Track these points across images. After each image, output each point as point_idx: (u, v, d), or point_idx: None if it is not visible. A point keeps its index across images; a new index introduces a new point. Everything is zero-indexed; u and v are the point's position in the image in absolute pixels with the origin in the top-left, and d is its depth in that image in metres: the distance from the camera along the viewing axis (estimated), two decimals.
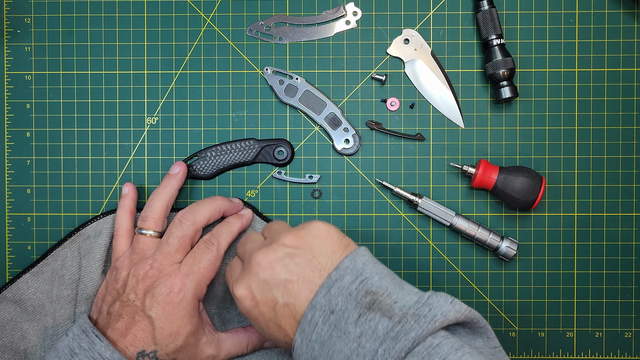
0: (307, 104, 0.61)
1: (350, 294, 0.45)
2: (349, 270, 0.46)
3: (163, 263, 0.52)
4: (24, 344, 0.57)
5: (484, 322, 0.46)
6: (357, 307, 0.44)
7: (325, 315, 0.44)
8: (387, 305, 0.44)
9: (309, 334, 0.45)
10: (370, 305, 0.44)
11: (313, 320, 0.45)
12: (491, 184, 0.58)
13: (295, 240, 0.48)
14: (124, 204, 0.57)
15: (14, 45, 0.62)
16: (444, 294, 0.45)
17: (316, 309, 0.45)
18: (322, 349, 0.44)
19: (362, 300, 0.44)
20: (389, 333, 0.42)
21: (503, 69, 0.58)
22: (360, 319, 0.44)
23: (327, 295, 0.45)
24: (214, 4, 0.62)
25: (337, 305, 0.44)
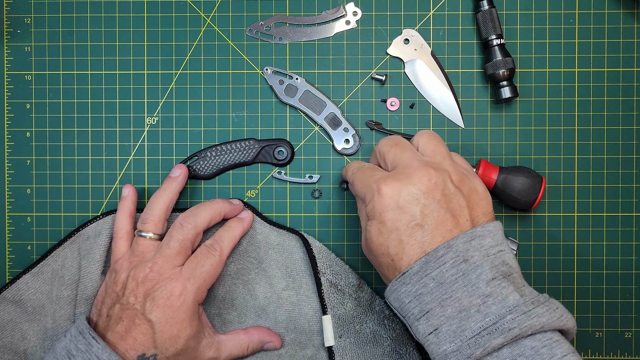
0: (307, 104, 0.61)
1: (488, 255, 0.45)
2: (492, 235, 0.46)
3: (163, 266, 0.52)
4: (23, 345, 0.57)
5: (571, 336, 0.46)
6: (493, 270, 0.44)
7: (458, 260, 0.44)
8: (519, 284, 0.44)
9: (430, 269, 0.44)
10: (506, 275, 0.44)
11: (443, 258, 0.44)
12: (491, 184, 0.58)
13: (460, 181, 0.47)
14: (124, 206, 0.57)
15: (14, 45, 0.62)
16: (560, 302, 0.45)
17: (451, 250, 0.44)
18: (436, 289, 0.44)
19: (498, 267, 0.44)
20: (520, 307, 0.42)
21: (503, 69, 0.58)
22: (493, 281, 0.43)
23: (467, 245, 0.45)
24: (214, 4, 0.62)
25: (472, 258, 0.44)
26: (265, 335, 0.57)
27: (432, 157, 0.49)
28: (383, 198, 0.46)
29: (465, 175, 0.48)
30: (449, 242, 0.44)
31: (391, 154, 0.50)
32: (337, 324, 0.57)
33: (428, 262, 0.44)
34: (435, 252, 0.44)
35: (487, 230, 0.46)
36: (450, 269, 0.44)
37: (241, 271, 0.59)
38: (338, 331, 0.57)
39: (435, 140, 0.51)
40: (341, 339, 0.57)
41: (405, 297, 0.45)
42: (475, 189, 0.48)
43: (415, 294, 0.45)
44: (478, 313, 0.42)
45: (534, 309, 0.42)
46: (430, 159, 0.49)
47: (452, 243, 0.44)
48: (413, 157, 0.49)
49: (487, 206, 0.48)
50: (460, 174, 0.48)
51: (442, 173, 0.47)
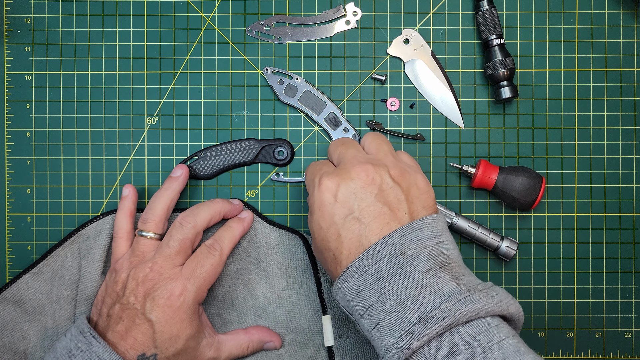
0: (307, 104, 0.61)
1: (425, 248, 0.45)
2: (430, 227, 0.47)
3: (163, 266, 0.52)
4: (24, 345, 0.57)
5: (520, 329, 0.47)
6: (429, 261, 0.44)
7: (394, 254, 0.45)
8: (457, 273, 0.45)
9: (369, 265, 0.45)
10: (442, 265, 0.45)
11: (380, 253, 0.45)
12: (491, 184, 0.58)
13: (399, 176, 0.48)
14: (124, 206, 0.57)
15: (14, 45, 0.62)
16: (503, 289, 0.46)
17: (387, 244, 0.45)
18: (375, 284, 0.44)
19: (435, 258, 0.45)
20: (455, 295, 0.42)
21: (503, 69, 0.58)
22: (429, 272, 0.44)
23: (403, 238, 0.45)
24: (214, 4, 0.62)
25: (409, 251, 0.45)
26: (266, 335, 0.57)
27: (374, 154, 0.51)
28: (322, 192, 0.48)
29: (406, 170, 0.49)
30: (386, 237, 0.45)
31: (337, 152, 0.52)
32: (337, 324, 0.57)
33: (366, 258, 0.45)
34: (372, 248, 0.45)
35: (425, 223, 0.47)
36: (387, 263, 0.45)
37: (241, 271, 0.59)
38: (338, 331, 0.57)
39: (379, 139, 0.52)
40: (341, 339, 0.57)
41: (348, 295, 0.46)
42: (415, 183, 0.49)
43: (357, 290, 0.45)
44: (414, 304, 0.43)
45: (469, 297, 0.42)
46: (372, 156, 0.50)
47: (389, 237, 0.45)
48: (355, 155, 0.50)
49: (428, 200, 0.49)
50: (400, 169, 0.49)
51: (380, 168, 0.48)
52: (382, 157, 0.50)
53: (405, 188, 0.48)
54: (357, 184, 0.47)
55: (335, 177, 0.48)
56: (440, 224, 0.48)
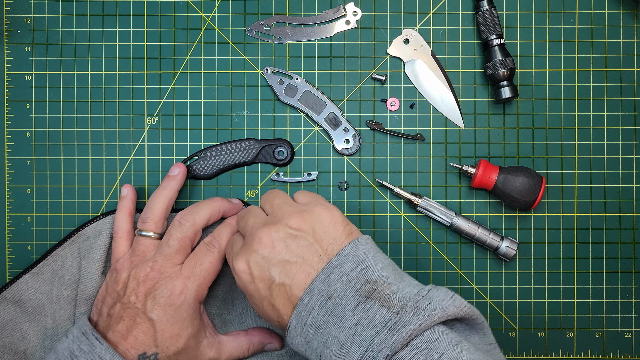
0: (307, 104, 0.61)
1: (350, 281, 0.45)
2: (350, 258, 0.46)
3: (164, 265, 0.52)
4: (23, 345, 0.57)
5: (482, 318, 0.46)
6: (356, 295, 0.44)
7: (323, 300, 0.45)
8: (387, 295, 0.44)
9: (304, 318, 0.45)
10: (369, 294, 0.44)
11: (310, 304, 0.45)
12: (491, 184, 0.58)
13: (299, 222, 0.48)
14: (123, 206, 0.57)
15: (14, 45, 0.62)
16: (444, 288, 0.45)
17: (314, 293, 0.45)
18: (316, 334, 0.44)
19: (361, 289, 0.45)
20: (386, 323, 0.42)
21: (503, 69, 0.58)
22: (358, 306, 0.44)
23: (326, 281, 0.45)
24: (214, 4, 0.62)
25: (335, 291, 0.45)
26: (266, 337, 0.57)
27: (270, 212, 0.51)
28: (239, 276, 0.48)
29: (304, 212, 0.49)
30: (310, 286, 0.45)
31: (241, 225, 0.52)
32: None
33: (299, 312, 0.45)
34: (302, 302, 0.45)
35: (343, 256, 0.46)
36: (319, 311, 0.45)
37: None
38: None
39: (270, 196, 0.53)
40: None
41: (300, 347, 0.46)
42: (317, 220, 0.48)
43: (305, 342, 0.45)
44: (353, 344, 0.43)
45: (400, 319, 0.42)
46: (269, 216, 0.50)
47: (313, 286, 0.45)
48: (253, 223, 0.50)
49: (335, 229, 0.48)
50: (297, 215, 0.49)
51: (278, 224, 0.48)
52: (277, 212, 0.50)
53: (310, 230, 0.48)
54: (263, 252, 0.47)
55: (242, 256, 0.48)
56: (362, 248, 0.47)
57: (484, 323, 0.46)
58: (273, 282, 0.47)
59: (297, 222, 0.48)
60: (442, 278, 0.61)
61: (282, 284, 0.46)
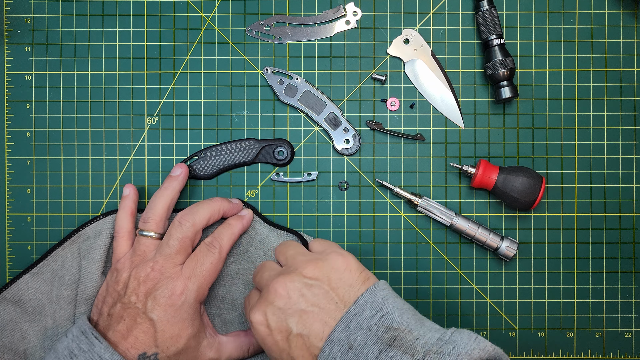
0: (307, 104, 0.61)
1: (370, 329, 0.44)
2: (369, 305, 0.45)
3: (164, 265, 0.52)
4: (23, 345, 0.57)
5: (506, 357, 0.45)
6: (378, 343, 0.43)
7: (344, 350, 0.44)
8: (409, 341, 0.43)
9: None
10: (391, 342, 0.43)
11: (331, 355, 0.44)
12: (491, 184, 0.58)
13: (314, 270, 0.48)
14: (125, 205, 0.57)
15: (14, 45, 0.62)
16: (467, 330, 0.45)
17: (334, 344, 0.44)
18: None
19: (382, 336, 0.44)
20: None
21: (503, 69, 0.58)
22: (380, 355, 0.43)
23: (346, 330, 0.44)
24: (214, 4, 0.62)
25: (355, 341, 0.44)
26: None
27: (285, 263, 0.51)
28: (256, 329, 0.48)
29: (318, 261, 0.49)
30: (330, 337, 0.45)
31: (256, 280, 0.52)
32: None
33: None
34: (322, 353, 0.45)
35: (361, 304, 0.46)
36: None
37: (241, 271, 0.59)
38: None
39: (283, 247, 0.53)
40: None
41: None
42: (332, 268, 0.48)
43: None
44: None
45: None
46: (284, 267, 0.50)
47: (333, 336, 0.45)
48: (269, 276, 0.50)
49: (350, 276, 0.48)
50: (311, 264, 0.48)
51: (293, 274, 0.48)
52: (291, 263, 0.50)
53: (326, 279, 0.47)
54: (280, 304, 0.47)
55: (259, 308, 0.48)
56: (380, 294, 0.47)
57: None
58: (290, 332, 0.46)
59: (312, 271, 0.48)
60: (442, 278, 0.61)
61: (300, 334, 0.46)
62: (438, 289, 0.61)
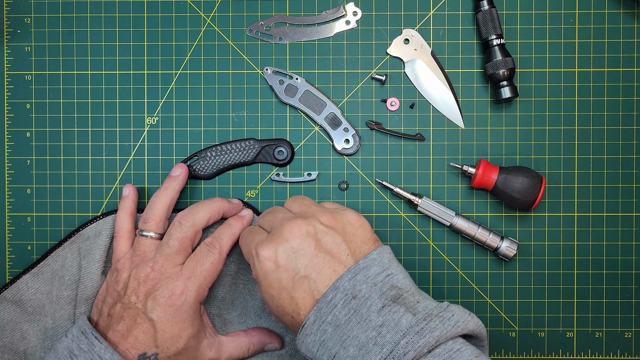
0: (307, 104, 0.61)
1: (376, 284, 0.45)
2: (377, 262, 0.47)
3: (164, 265, 0.52)
4: (23, 345, 0.57)
5: (486, 342, 0.47)
6: (382, 298, 0.45)
7: (347, 299, 0.45)
8: (411, 302, 0.45)
9: (325, 315, 0.45)
10: (395, 299, 0.45)
11: (333, 301, 0.45)
12: (491, 184, 0.58)
13: (331, 220, 0.49)
14: (125, 205, 0.57)
15: (14, 45, 0.62)
16: (460, 306, 0.46)
17: (338, 291, 0.45)
18: (335, 332, 0.44)
19: (387, 293, 0.45)
20: (412, 327, 0.43)
21: (503, 69, 0.58)
22: (384, 309, 0.44)
23: (352, 280, 0.45)
24: (214, 4, 0.62)
25: (360, 292, 0.45)
26: (266, 337, 0.57)
27: (300, 210, 0.52)
28: (262, 262, 0.48)
29: (334, 212, 0.50)
30: (335, 284, 0.45)
31: (266, 220, 0.52)
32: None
33: (320, 309, 0.45)
34: (324, 298, 0.45)
35: (370, 259, 0.47)
36: (342, 309, 0.45)
37: (241, 271, 0.59)
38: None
39: (299, 198, 0.54)
40: None
41: (312, 347, 0.46)
42: (348, 221, 0.49)
43: (319, 341, 0.45)
44: (376, 345, 0.43)
45: (426, 325, 0.43)
46: (300, 212, 0.51)
47: (338, 284, 0.45)
48: (283, 217, 0.51)
49: (364, 234, 0.49)
50: (328, 214, 0.49)
51: (310, 219, 0.49)
52: (307, 210, 0.51)
53: (340, 229, 0.49)
54: (293, 243, 0.47)
55: (270, 244, 0.48)
56: (386, 256, 0.48)
57: (486, 347, 0.47)
58: (297, 273, 0.47)
59: (329, 220, 0.49)
60: (442, 278, 0.61)
61: (307, 277, 0.46)
62: (438, 289, 0.61)
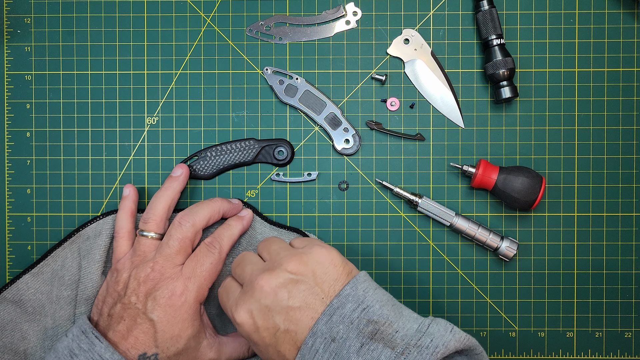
0: (307, 104, 0.61)
1: (352, 322, 0.45)
2: (350, 298, 0.46)
3: (164, 266, 0.52)
4: (23, 345, 0.57)
5: (481, 349, 0.47)
6: (359, 337, 0.44)
7: (327, 342, 0.44)
8: (389, 335, 0.44)
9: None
10: (372, 335, 0.44)
11: (314, 347, 0.45)
12: (491, 184, 0.58)
13: (298, 266, 0.47)
14: (125, 206, 0.57)
15: (14, 45, 0.62)
16: (443, 321, 0.46)
17: (317, 336, 0.45)
18: None
19: (364, 330, 0.44)
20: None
21: (503, 69, 0.58)
22: (362, 348, 0.44)
23: (329, 323, 0.45)
24: (214, 4, 0.62)
25: (338, 333, 0.44)
26: None
27: (268, 259, 0.50)
28: (241, 326, 0.47)
29: (302, 255, 0.48)
30: (313, 329, 0.45)
31: (237, 272, 0.51)
32: None
33: (303, 356, 0.45)
34: (305, 345, 0.45)
35: (343, 297, 0.46)
36: (323, 353, 0.44)
37: None
38: None
39: (267, 242, 0.52)
40: None
41: None
42: (317, 262, 0.48)
43: None
44: None
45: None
46: (267, 263, 0.49)
47: (316, 329, 0.45)
48: (252, 270, 0.49)
49: (335, 270, 0.48)
50: (296, 259, 0.48)
51: (277, 270, 0.47)
52: (275, 258, 0.49)
53: (310, 274, 0.47)
54: (266, 301, 0.46)
55: (243, 305, 0.47)
56: (361, 286, 0.47)
57: (483, 353, 0.47)
58: (278, 329, 0.46)
59: (296, 266, 0.47)
60: (442, 278, 0.61)
61: (287, 330, 0.46)
62: (438, 289, 0.61)
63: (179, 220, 0.54)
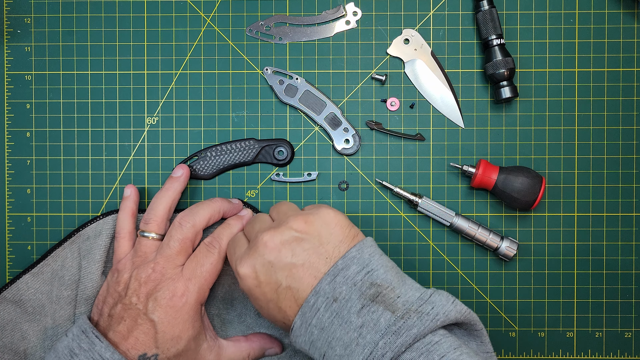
0: (307, 104, 0.61)
1: (355, 284, 0.46)
2: (356, 260, 0.47)
3: (165, 266, 0.52)
4: (23, 345, 0.57)
5: (481, 325, 0.47)
6: (361, 298, 0.45)
7: (328, 302, 0.45)
8: (391, 299, 0.45)
9: (309, 319, 0.45)
10: (374, 298, 0.45)
11: (315, 305, 0.45)
12: (491, 184, 0.58)
13: (304, 225, 0.48)
14: (126, 206, 0.57)
15: (14, 45, 0.62)
16: (445, 292, 0.46)
17: (319, 295, 0.45)
18: (320, 334, 0.45)
19: (366, 292, 0.45)
20: (390, 327, 0.43)
21: (503, 69, 0.58)
22: (363, 309, 0.44)
23: (332, 283, 0.46)
24: (214, 4, 0.62)
25: (340, 294, 0.45)
26: (267, 342, 0.57)
27: (277, 219, 0.51)
28: (244, 280, 0.48)
29: (309, 215, 0.49)
30: (316, 288, 0.46)
31: (247, 229, 0.53)
32: None
33: (304, 313, 0.46)
34: (307, 303, 0.46)
35: (348, 259, 0.47)
36: (324, 313, 0.45)
37: None
38: None
39: (278, 205, 0.53)
40: None
41: (304, 345, 0.47)
42: (323, 222, 0.49)
43: (309, 342, 0.46)
44: (358, 346, 0.43)
45: (404, 324, 0.43)
46: (275, 222, 0.51)
47: (319, 288, 0.46)
48: (259, 228, 0.50)
49: (341, 232, 0.49)
50: (302, 219, 0.49)
51: (282, 228, 0.48)
52: (282, 217, 0.50)
53: (316, 233, 0.48)
54: (269, 257, 0.47)
55: (247, 260, 0.48)
56: (367, 250, 0.48)
57: (483, 330, 0.47)
58: (280, 285, 0.47)
59: (302, 225, 0.48)
60: (442, 278, 0.61)
61: (289, 287, 0.47)
62: (438, 289, 0.61)
63: (179, 220, 0.54)
